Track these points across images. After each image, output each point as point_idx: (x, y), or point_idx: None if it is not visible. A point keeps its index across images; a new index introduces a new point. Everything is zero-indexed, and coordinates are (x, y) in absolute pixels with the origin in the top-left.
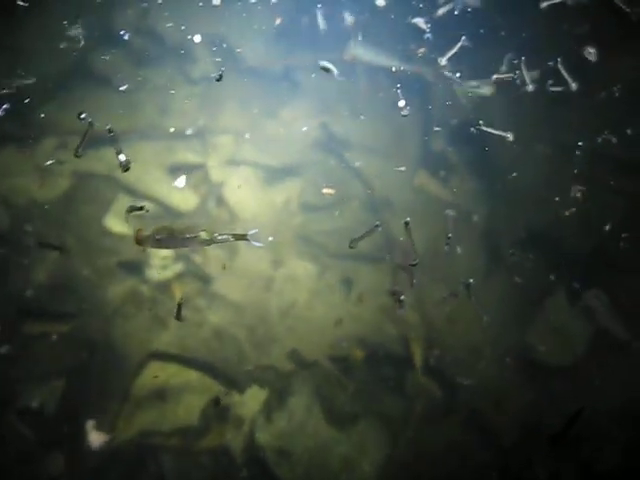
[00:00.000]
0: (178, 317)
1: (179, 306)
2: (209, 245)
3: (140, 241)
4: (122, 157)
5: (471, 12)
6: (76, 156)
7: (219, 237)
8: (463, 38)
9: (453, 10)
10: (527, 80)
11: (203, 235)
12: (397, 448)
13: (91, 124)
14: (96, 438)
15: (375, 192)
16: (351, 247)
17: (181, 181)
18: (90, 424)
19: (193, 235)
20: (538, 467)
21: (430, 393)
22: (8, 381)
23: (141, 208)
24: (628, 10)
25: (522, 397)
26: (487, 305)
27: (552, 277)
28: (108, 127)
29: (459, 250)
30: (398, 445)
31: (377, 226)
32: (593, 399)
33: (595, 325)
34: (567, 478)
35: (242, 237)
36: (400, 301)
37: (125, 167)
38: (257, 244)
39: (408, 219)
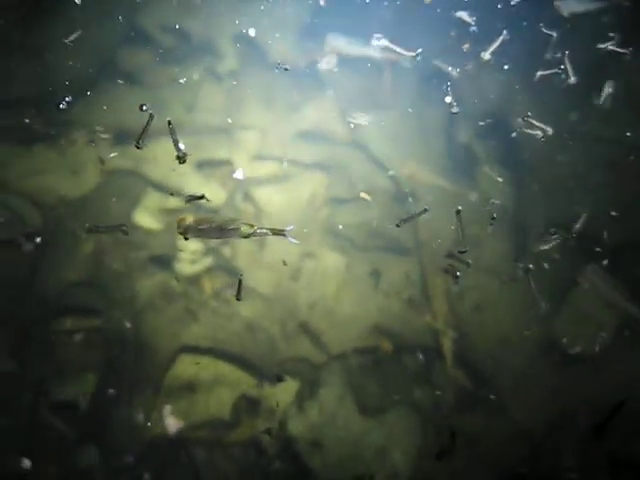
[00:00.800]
0: (238, 296)
1: (240, 283)
2: (248, 238)
3: (183, 230)
4: (182, 146)
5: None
6: (137, 147)
7: (258, 230)
8: (504, 32)
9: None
10: (570, 73)
11: (244, 228)
12: (428, 437)
13: (152, 116)
14: (173, 423)
15: (402, 185)
16: (398, 225)
17: (239, 173)
18: (167, 409)
19: (235, 227)
20: (567, 457)
21: (459, 383)
22: (42, 376)
23: (202, 197)
24: None
25: (549, 387)
26: (516, 295)
27: (578, 267)
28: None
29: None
30: (428, 434)
31: (425, 210)
32: (622, 390)
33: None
34: (597, 468)
35: (280, 232)
36: (456, 277)
37: (182, 159)
38: (293, 240)
39: (460, 207)
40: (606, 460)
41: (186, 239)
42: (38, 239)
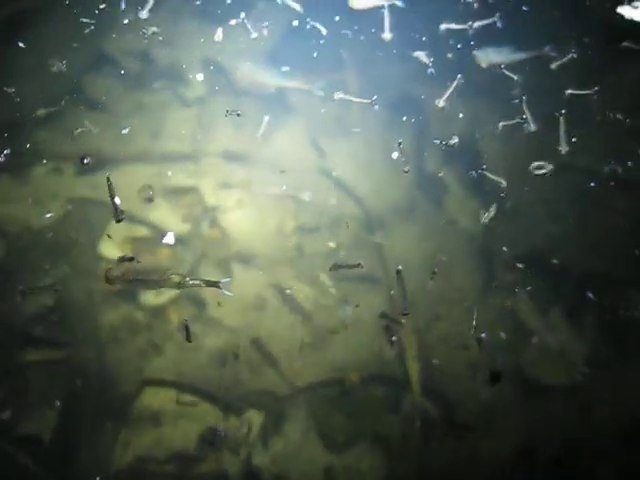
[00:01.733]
0: (188, 338)
1: (187, 328)
2: (180, 289)
3: (110, 280)
4: (117, 201)
5: None
6: (118, 221)
7: (190, 282)
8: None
9: None
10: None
11: (174, 278)
12: (394, 470)
13: (108, 179)
14: None
15: (371, 212)
16: (331, 270)
17: (170, 238)
18: None
19: (163, 278)
20: None
21: (427, 413)
22: (2, 410)
23: (131, 259)
24: None
25: (517, 417)
26: (483, 324)
27: (549, 296)
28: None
29: (455, 270)
30: (395, 467)
31: (359, 265)
32: (589, 420)
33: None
34: None
35: (214, 284)
36: (391, 342)
37: (119, 218)
38: (228, 293)
39: (400, 267)
40: None
41: (113, 289)
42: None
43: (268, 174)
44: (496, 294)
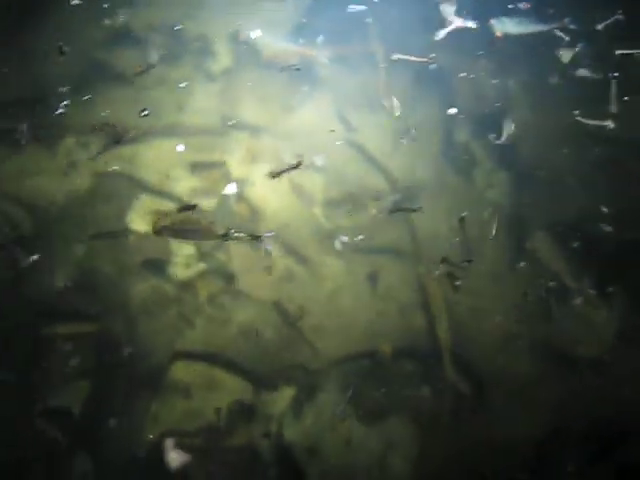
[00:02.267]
0: None
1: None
2: (225, 240)
3: (158, 231)
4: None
5: None
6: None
7: (235, 234)
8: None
9: None
10: None
11: (219, 230)
12: (427, 443)
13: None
14: (175, 457)
15: (398, 184)
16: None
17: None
18: (170, 442)
19: (211, 230)
20: (570, 463)
21: (459, 388)
22: (35, 383)
23: (194, 207)
24: None
25: (551, 391)
26: (515, 297)
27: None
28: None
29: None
30: (428, 440)
31: (420, 208)
32: (621, 392)
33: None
34: (598, 474)
35: (256, 238)
36: (455, 287)
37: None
38: (268, 247)
39: (464, 214)
40: (611, 466)
41: (160, 239)
42: (29, 243)
43: (295, 147)
44: (527, 268)
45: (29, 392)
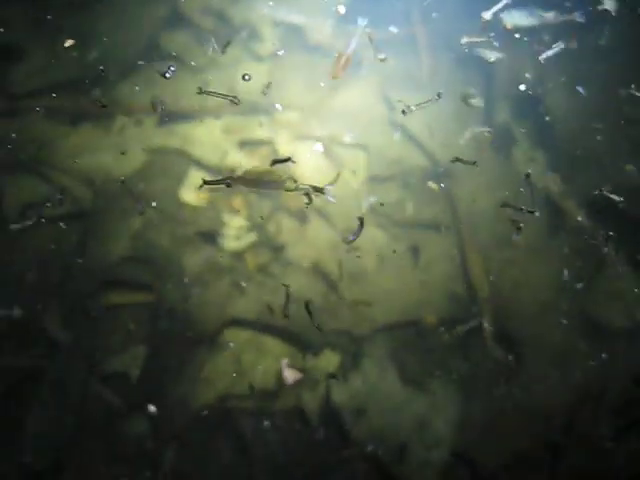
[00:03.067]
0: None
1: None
2: (291, 191)
3: (232, 180)
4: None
5: None
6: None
7: (300, 186)
8: None
9: None
10: None
11: (288, 183)
12: (470, 408)
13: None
14: (290, 375)
15: (438, 166)
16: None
17: (319, 147)
18: (284, 363)
19: (280, 181)
20: (603, 426)
21: (498, 356)
22: (92, 349)
23: (288, 159)
24: None
25: (585, 359)
26: (550, 267)
27: (612, 242)
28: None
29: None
30: (471, 405)
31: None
32: None
33: None
34: (634, 437)
35: (319, 190)
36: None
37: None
38: (331, 199)
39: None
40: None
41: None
42: (88, 215)
43: (340, 126)
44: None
45: (89, 357)
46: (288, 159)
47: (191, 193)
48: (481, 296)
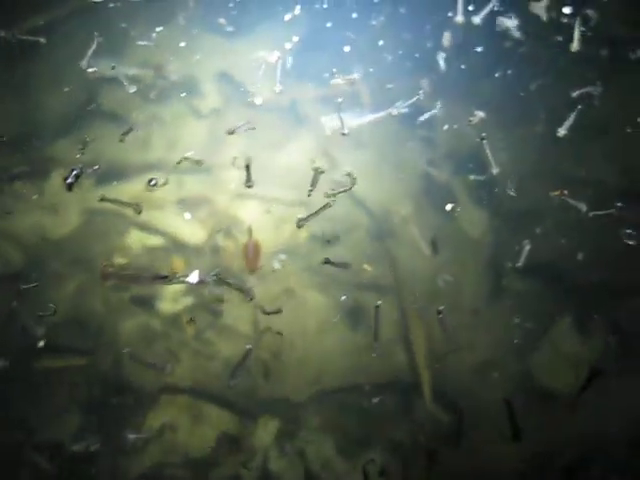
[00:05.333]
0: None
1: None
2: (168, 284)
3: (105, 276)
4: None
5: None
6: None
7: (174, 281)
8: None
9: None
10: None
11: (161, 274)
12: (409, 477)
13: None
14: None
15: (382, 225)
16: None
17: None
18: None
19: (153, 275)
20: None
21: (438, 420)
22: (25, 417)
23: (165, 277)
24: None
25: (528, 424)
26: (493, 331)
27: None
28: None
29: (463, 277)
30: (410, 473)
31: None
32: (599, 426)
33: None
34: None
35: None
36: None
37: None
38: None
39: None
40: None
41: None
42: (19, 279)
43: (281, 185)
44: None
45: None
46: (166, 277)
47: (126, 256)
48: (421, 359)
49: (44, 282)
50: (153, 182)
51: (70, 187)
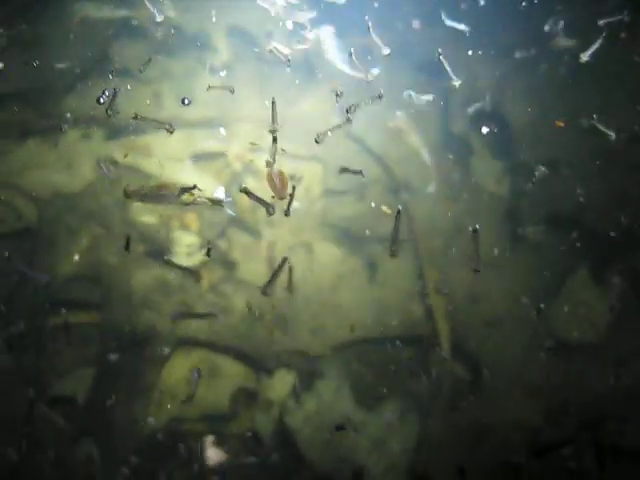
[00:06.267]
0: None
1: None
2: (188, 205)
3: (128, 194)
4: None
5: None
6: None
7: (198, 199)
8: None
9: None
10: None
11: (185, 197)
12: (426, 428)
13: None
14: (214, 455)
15: (396, 176)
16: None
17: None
18: (209, 440)
19: (176, 194)
20: (565, 446)
21: (456, 373)
22: (39, 371)
23: (194, 187)
24: None
25: (546, 375)
26: (511, 282)
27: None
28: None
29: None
30: (427, 425)
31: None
32: (617, 376)
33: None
34: (595, 456)
35: (218, 202)
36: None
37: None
38: (230, 212)
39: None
40: (607, 448)
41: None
42: (34, 233)
43: (294, 138)
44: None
45: (35, 379)
46: (194, 187)
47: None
48: (439, 311)
49: (58, 236)
50: (187, 101)
51: (106, 110)
